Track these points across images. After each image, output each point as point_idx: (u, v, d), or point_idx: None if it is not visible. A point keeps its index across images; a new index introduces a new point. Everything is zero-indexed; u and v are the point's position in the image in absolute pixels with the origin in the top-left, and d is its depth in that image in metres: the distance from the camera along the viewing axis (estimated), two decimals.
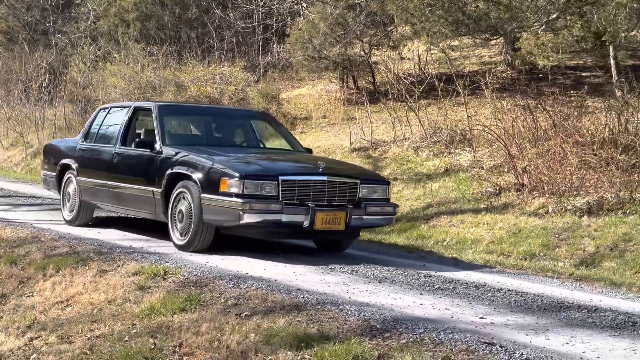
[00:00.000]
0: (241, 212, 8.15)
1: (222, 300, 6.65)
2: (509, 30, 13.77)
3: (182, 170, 8.85)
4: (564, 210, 10.87)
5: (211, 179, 8.48)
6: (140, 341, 6.18)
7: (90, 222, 10.83)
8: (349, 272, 7.97)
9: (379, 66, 20.58)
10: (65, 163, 11.08)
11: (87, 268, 8.10)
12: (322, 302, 6.44)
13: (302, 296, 6.61)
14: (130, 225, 10.90)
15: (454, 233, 11.06)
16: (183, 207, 8.77)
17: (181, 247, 8.81)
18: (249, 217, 8.19)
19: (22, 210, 12.57)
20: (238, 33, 25.61)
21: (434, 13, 13.01)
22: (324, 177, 8.59)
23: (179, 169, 8.91)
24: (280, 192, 8.34)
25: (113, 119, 10.72)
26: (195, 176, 8.64)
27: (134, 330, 6.44)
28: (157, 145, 9.40)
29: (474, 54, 21.27)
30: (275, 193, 8.32)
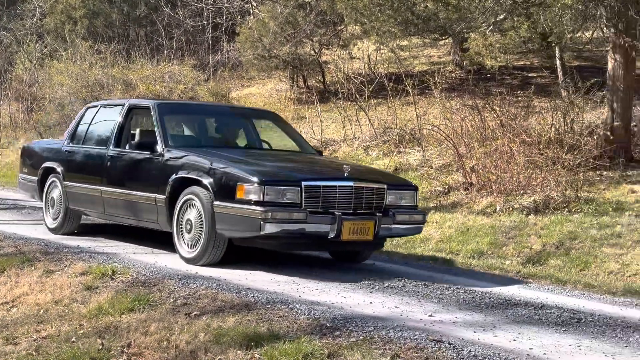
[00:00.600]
0: (262, 222, 7.30)
1: (172, 300, 6.60)
2: (457, 30, 13.90)
3: (190, 175, 8.03)
4: (511, 209, 11.01)
5: (225, 185, 7.67)
6: (87, 342, 6.11)
7: (76, 230, 9.99)
8: (299, 271, 7.97)
9: (329, 65, 20.65)
10: (49, 166, 10.15)
11: (33, 268, 7.98)
12: (272, 301, 6.43)
13: (252, 295, 6.60)
14: (80, 225, 10.74)
15: None
16: (191, 216, 7.93)
17: (189, 260, 7.96)
18: (270, 228, 7.34)
19: None
20: (187, 31, 25.46)
21: (384, 13, 13.06)
22: (351, 182, 7.76)
23: (185, 174, 8.09)
24: (303, 199, 7.50)
25: (103, 119, 9.84)
26: (206, 181, 7.80)
27: (81, 331, 6.37)
28: (159, 147, 8.53)
29: (423, 54, 21.46)
30: (297, 200, 7.49)
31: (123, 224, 9.78)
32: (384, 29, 13.58)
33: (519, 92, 15.87)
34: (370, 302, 6.64)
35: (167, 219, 8.24)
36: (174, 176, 8.18)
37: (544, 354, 5.36)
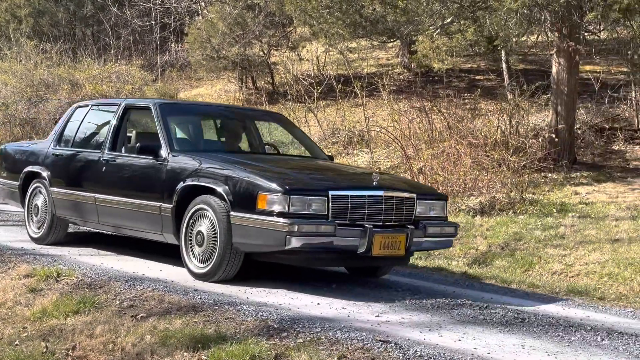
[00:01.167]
0: (287, 236, 6.64)
1: (118, 302, 6.55)
2: (405, 33, 14.02)
3: (201, 183, 7.34)
4: (458, 210, 11.14)
5: (244, 194, 6.99)
6: (31, 345, 6.03)
7: (64, 240, 9.26)
8: (246, 272, 7.91)
9: (277, 67, 20.66)
10: (32, 171, 9.35)
11: None
12: (220, 302, 6.42)
13: (199, 297, 6.57)
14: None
15: None
16: (203, 228, 7.26)
17: (200, 276, 7.31)
18: (296, 242, 6.67)
19: None
20: (135, 31, 25.26)
21: (332, 15, 13.13)
22: (381, 192, 7.14)
23: (196, 181, 7.39)
24: (331, 210, 6.87)
25: (95, 120, 9.19)
26: (221, 190, 7.12)
27: (25, 334, 6.28)
28: (163, 152, 7.81)
29: (371, 56, 21.58)
30: (324, 211, 6.85)
31: (119, 234, 9.02)
32: (332, 31, 13.65)
33: (465, 94, 16.07)
34: (318, 303, 6.66)
35: (173, 230, 7.57)
36: (181, 184, 7.49)
37: (488, 353, 5.43)
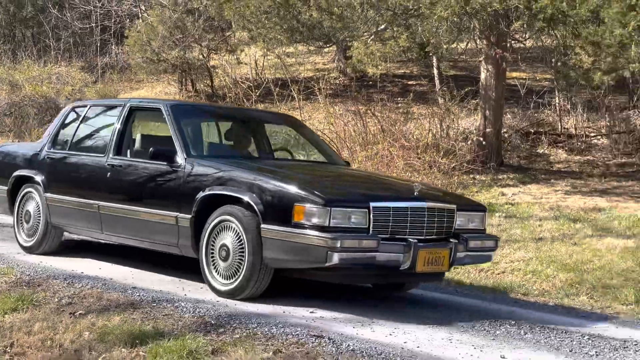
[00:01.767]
0: (329, 252, 6.03)
1: (56, 300, 6.59)
2: (341, 39, 14.30)
3: (226, 192, 6.71)
4: None
5: (276, 205, 6.36)
6: None
7: (58, 249, 8.65)
8: (185, 270, 7.96)
9: (217, 70, 20.74)
10: (24, 175, 8.71)
11: None
12: (158, 299, 6.50)
13: (137, 294, 6.65)
14: None
15: None
16: (228, 241, 6.64)
17: (225, 294, 6.70)
18: (337, 258, 6.06)
19: None
20: (75, 33, 25.08)
21: (270, 20, 13.30)
22: (424, 203, 6.57)
23: (219, 190, 6.77)
24: (372, 223, 6.31)
25: (95, 122, 8.62)
26: (249, 200, 6.49)
27: None
28: (179, 158, 7.17)
29: (308, 61, 21.81)
30: (364, 224, 6.27)
31: (125, 244, 8.18)
32: (270, 35, 13.83)
33: (398, 98, 16.40)
34: (254, 300, 6.81)
35: (191, 242, 6.96)
36: (201, 193, 6.85)
37: (418, 347, 5.59)
